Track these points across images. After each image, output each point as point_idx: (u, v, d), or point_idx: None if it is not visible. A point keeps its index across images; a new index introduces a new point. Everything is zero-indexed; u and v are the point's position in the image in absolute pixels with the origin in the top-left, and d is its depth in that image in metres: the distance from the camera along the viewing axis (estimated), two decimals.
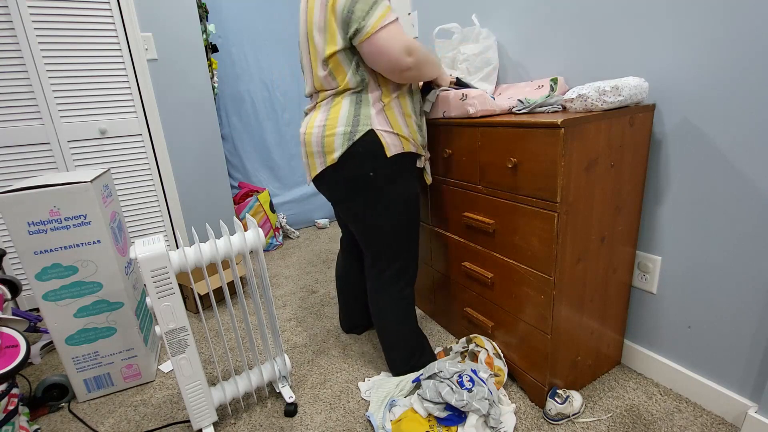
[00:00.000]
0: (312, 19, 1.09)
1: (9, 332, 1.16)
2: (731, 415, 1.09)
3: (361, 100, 1.10)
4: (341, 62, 1.08)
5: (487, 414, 1.07)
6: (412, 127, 1.17)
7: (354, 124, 1.09)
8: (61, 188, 1.19)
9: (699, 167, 1.05)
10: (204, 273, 1.07)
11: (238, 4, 2.51)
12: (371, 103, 1.10)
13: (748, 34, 0.91)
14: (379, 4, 1.00)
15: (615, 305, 1.24)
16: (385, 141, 1.10)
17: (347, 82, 1.09)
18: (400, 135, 1.13)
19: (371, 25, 0.99)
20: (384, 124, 1.11)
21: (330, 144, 1.10)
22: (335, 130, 1.09)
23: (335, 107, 1.11)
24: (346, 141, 1.09)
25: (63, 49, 1.80)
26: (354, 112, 1.09)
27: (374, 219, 1.18)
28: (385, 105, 1.11)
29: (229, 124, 2.66)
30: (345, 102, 1.10)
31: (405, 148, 1.15)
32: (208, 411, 1.15)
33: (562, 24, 1.31)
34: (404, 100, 1.15)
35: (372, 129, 1.09)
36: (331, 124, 1.10)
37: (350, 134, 1.09)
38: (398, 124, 1.13)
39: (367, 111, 1.10)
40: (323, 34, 1.07)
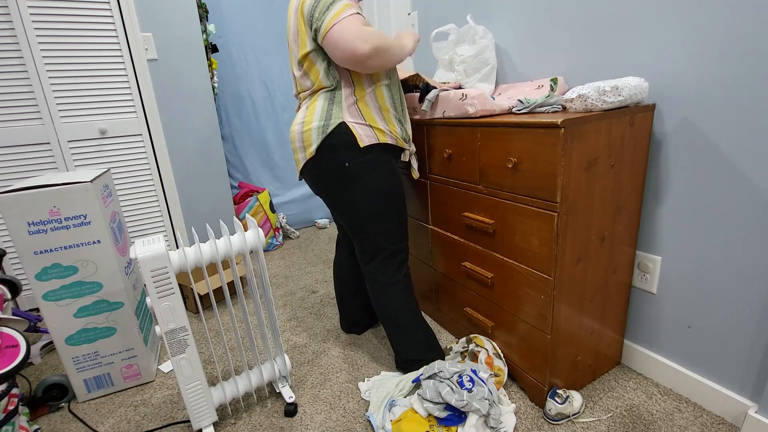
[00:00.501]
0: (289, 25, 1.18)
1: (9, 332, 1.16)
2: (731, 415, 1.09)
3: (334, 97, 1.16)
4: (314, 62, 1.15)
5: (487, 414, 1.07)
6: (390, 120, 1.21)
7: (326, 118, 1.15)
8: (61, 188, 1.19)
9: (699, 167, 1.05)
10: (204, 273, 1.07)
11: (238, 4, 2.51)
12: (343, 99, 1.16)
13: (749, 34, 0.91)
14: (336, 3, 1.05)
15: (615, 305, 1.24)
16: (356, 132, 1.15)
17: (320, 81, 1.16)
18: (373, 127, 1.17)
19: (327, 22, 1.04)
20: (356, 117, 1.16)
21: (308, 138, 1.17)
22: (311, 125, 1.16)
23: (312, 105, 1.18)
24: (320, 134, 1.15)
25: (63, 49, 1.80)
26: (327, 107, 1.16)
27: (354, 208, 1.22)
28: (357, 100, 1.17)
29: (229, 124, 2.66)
30: (320, 99, 1.17)
31: (380, 140, 1.18)
32: (208, 411, 1.15)
33: (562, 24, 1.31)
34: (381, 95, 1.19)
35: (343, 121, 1.15)
36: (308, 120, 1.17)
37: (323, 127, 1.15)
38: (372, 117, 1.18)
39: (339, 106, 1.16)
40: (296, 37, 1.15)
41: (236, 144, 2.70)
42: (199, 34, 2.08)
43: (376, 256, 1.28)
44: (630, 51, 1.14)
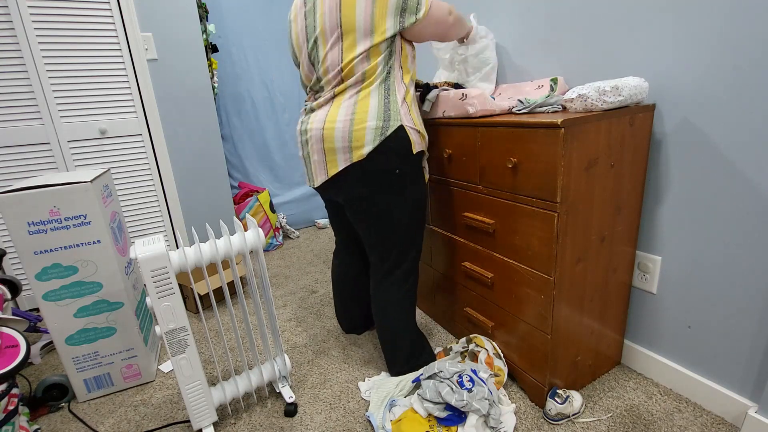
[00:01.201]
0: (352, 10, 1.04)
1: (9, 332, 1.16)
2: (731, 415, 1.09)
3: (389, 95, 1.08)
4: (377, 55, 1.07)
5: (487, 414, 1.07)
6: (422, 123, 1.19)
7: (386, 118, 1.06)
8: (61, 188, 1.19)
9: (699, 167, 1.05)
10: (204, 273, 1.07)
11: (238, 4, 2.51)
12: (399, 99, 1.09)
13: (749, 34, 0.91)
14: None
15: (615, 305, 1.24)
16: (412, 137, 1.11)
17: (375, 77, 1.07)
18: (420, 132, 1.14)
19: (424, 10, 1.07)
20: (409, 121, 1.12)
21: (360, 138, 1.05)
22: (366, 124, 1.05)
23: (363, 101, 1.07)
24: (378, 135, 1.05)
25: (63, 49, 1.80)
26: (384, 106, 1.07)
27: (393, 217, 1.16)
28: (407, 101, 1.12)
29: (229, 124, 2.66)
30: (374, 96, 1.07)
31: (423, 146, 1.17)
32: (208, 411, 1.15)
33: (562, 24, 1.31)
34: (415, 98, 1.18)
35: (402, 125, 1.08)
36: (361, 117, 1.05)
37: (383, 129, 1.05)
38: (417, 121, 1.15)
39: (396, 106, 1.08)
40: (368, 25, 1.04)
41: (236, 144, 2.70)
42: (199, 34, 2.08)
43: (395, 268, 1.24)
44: (630, 51, 1.14)
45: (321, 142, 1.11)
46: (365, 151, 1.06)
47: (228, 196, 2.38)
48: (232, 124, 2.66)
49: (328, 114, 1.10)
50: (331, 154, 1.10)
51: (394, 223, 1.18)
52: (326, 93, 1.13)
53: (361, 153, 1.06)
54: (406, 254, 1.23)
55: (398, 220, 1.17)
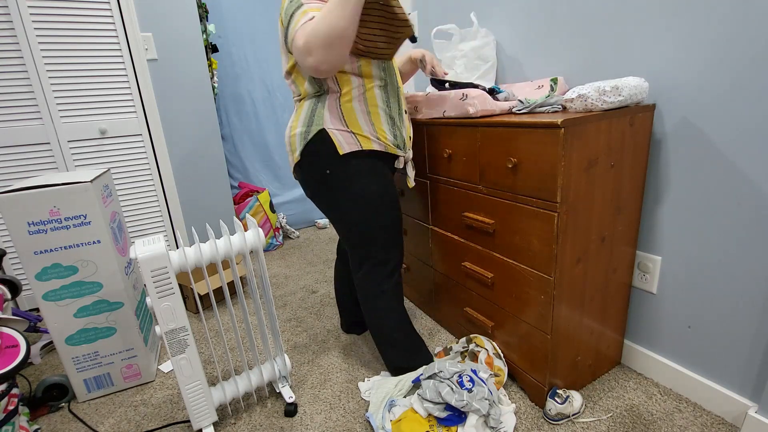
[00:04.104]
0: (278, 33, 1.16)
1: (9, 332, 1.16)
2: (731, 415, 1.09)
3: (318, 101, 1.14)
4: (300, 72, 1.14)
5: (487, 414, 1.07)
6: (379, 125, 1.15)
7: (308, 124, 1.14)
8: (61, 188, 1.19)
9: (699, 167, 1.05)
10: (204, 273, 1.07)
11: (238, 4, 2.51)
12: (327, 104, 1.13)
13: (749, 33, 0.91)
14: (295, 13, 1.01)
15: (615, 305, 1.24)
16: (336, 139, 1.12)
17: (305, 89, 1.14)
18: (356, 133, 1.13)
19: (290, 36, 1.02)
20: (337, 123, 1.12)
21: (293, 143, 1.17)
22: (295, 131, 1.16)
23: (299, 110, 1.18)
24: (302, 140, 1.14)
25: (63, 49, 1.80)
26: (310, 113, 1.14)
27: (340, 216, 1.21)
28: (342, 104, 1.12)
29: (229, 124, 2.66)
30: (306, 104, 1.16)
31: (363, 147, 1.14)
32: (208, 411, 1.15)
33: (562, 24, 1.31)
34: (372, 97, 1.13)
35: (323, 128, 1.12)
36: (294, 125, 1.17)
37: (305, 134, 1.14)
38: (357, 122, 1.13)
39: (321, 111, 1.13)
40: (282, 47, 1.14)
41: (236, 144, 2.70)
42: (199, 34, 2.08)
43: (363, 264, 1.25)
44: (630, 51, 1.14)
45: None
46: (297, 155, 1.17)
47: (228, 196, 2.38)
48: (232, 124, 2.66)
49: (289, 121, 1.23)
50: (288, 155, 1.24)
51: (344, 222, 1.21)
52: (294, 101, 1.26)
53: (295, 156, 1.18)
54: (371, 251, 1.23)
55: (346, 216, 1.20)
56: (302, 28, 0.98)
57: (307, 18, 0.99)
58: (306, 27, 0.97)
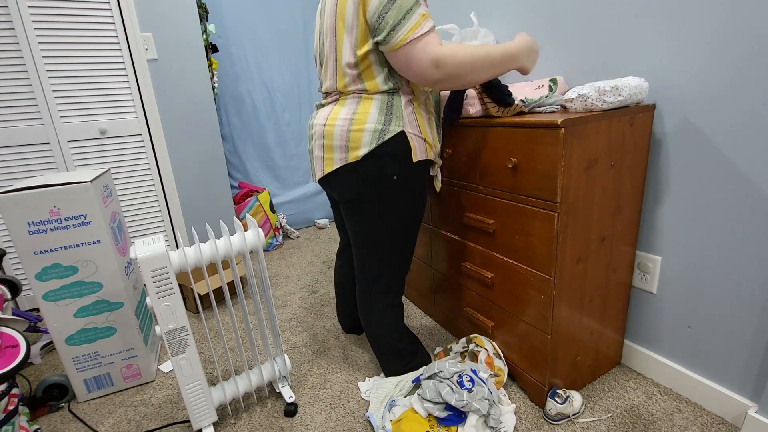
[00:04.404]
0: (342, 15, 1.01)
1: (9, 332, 1.16)
2: (731, 415, 1.09)
3: (392, 99, 1.05)
4: (373, 63, 1.02)
5: (487, 414, 1.07)
6: (435, 133, 1.14)
7: (386, 122, 1.03)
8: (61, 188, 1.19)
9: (699, 167, 1.05)
10: (204, 273, 1.07)
11: (238, 4, 2.51)
12: (403, 104, 1.05)
13: (749, 33, 0.91)
14: (413, 13, 0.92)
15: (615, 305, 1.24)
16: (413, 144, 1.07)
17: (377, 84, 1.03)
18: (426, 140, 1.10)
19: (401, 37, 0.93)
20: (414, 128, 1.07)
21: (357, 139, 1.03)
22: (364, 126, 1.03)
23: (365, 103, 1.05)
24: (375, 139, 1.03)
25: (63, 49, 1.80)
26: (386, 110, 1.04)
27: (382, 224, 1.13)
28: (415, 107, 1.07)
29: (229, 124, 2.66)
30: (376, 99, 1.04)
31: (428, 155, 1.11)
32: (208, 411, 1.15)
33: (562, 24, 1.31)
34: (430, 105, 1.14)
35: (403, 130, 1.05)
36: (360, 119, 1.03)
37: (381, 132, 1.03)
38: (425, 128, 1.10)
39: (399, 111, 1.04)
40: (353, 32, 1.00)
41: (236, 144, 2.70)
42: (199, 34, 2.08)
43: (379, 277, 1.21)
44: (630, 51, 1.14)
45: (322, 138, 1.10)
46: (361, 153, 1.04)
47: (228, 196, 2.38)
48: (232, 124, 2.66)
49: (331, 111, 1.09)
50: (329, 151, 1.08)
51: (381, 231, 1.14)
52: (333, 92, 1.13)
53: (356, 154, 1.04)
54: (388, 266, 1.20)
55: (386, 228, 1.14)
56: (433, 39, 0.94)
57: (429, 26, 0.94)
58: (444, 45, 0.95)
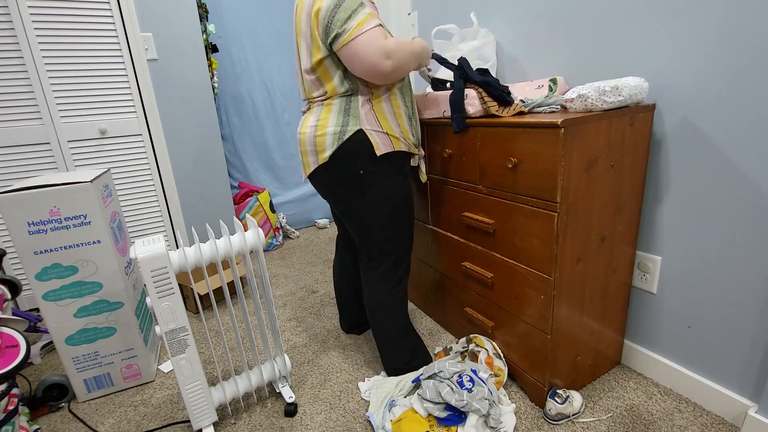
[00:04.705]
0: (299, 27, 1.12)
1: (9, 332, 1.16)
2: (731, 415, 1.09)
3: (350, 102, 1.12)
4: (328, 68, 1.10)
5: (487, 414, 1.07)
6: (404, 126, 1.18)
7: (343, 124, 1.11)
8: (61, 188, 1.19)
9: (699, 167, 1.05)
10: (204, 273, 1.07)
11: (238, 4, 2.51)
12: (360, 104, 1.12)
13: (748, 33, 0.91)
14: (359, 12, 1.00)
15: (615, 305, 1.24)
16: (374, 140, 1.12)
17: (334, 88, 1.11)
18: (390, 134, 1.14)
19: (349, 31, 1.00)
20: (373, 124, 1.13)
21: (321, 143, 1.13)
22: (326, 130, 1.12)
23: (326, 109, 1.14)
24: (336, 141, 1.11)
25: (63, 49, 1.80)
26: (343, 113, 1.12)
27: (366, 216, 1.19)
28: (374, 105, 1.13)
29: (229, 124, 2.66)
30: (335, 104, 1.13)
31: (395, 147, 1.16)
32: (208, 411, 1.15)
33: (563, 24, 1.31)
34: (395, 100, 1.16)
35: (361, 128, 1.11)
36: (322, 124, 1.13)
37: (339, 134, 1.11)
38: (388, 123, 1.14)
39: (356, 111, 1.12)
40: (308, 40, 1.10)
41: (236, 144, 2.70)
42: (199, 34, 2.08)
43: (381, 264, 1.26)
44: (630, 51, 1.14)
45: (300, 144, 1.20)
46: (326, 155, 1.13)
47: (228, 196, 2.38)
48: (232, 124, 2.66)
49: (304, 119, 1.19)
50: (305, 156, 1.19)
51: (368, 222, 1.20)
52: (306, 101, 1.22)
53: (323, 156, 1.13)
54: (389, 252, 1.25)
55: (372, 219, 1.19)
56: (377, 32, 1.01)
57: (375, 23, 1.01)
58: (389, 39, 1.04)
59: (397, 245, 1.25)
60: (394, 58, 1.03)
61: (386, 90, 1.15)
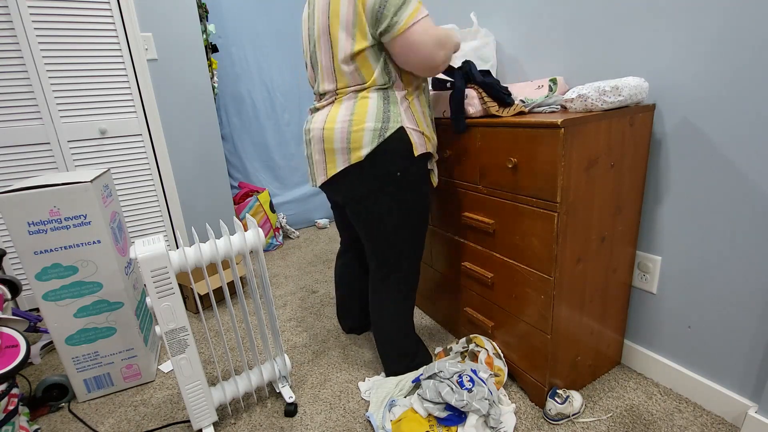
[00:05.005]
0: (337, 13, 1.03)
1: (9, 332, 1.16)
2: (731, 415, 1.09)
3: (388, 96, 1.06)
4: (369, 59, 1.04)
5: (487, 414, 1.07)
6: (431, 126, 1.16)
7: (384, 120, 1.05)
8: (61, 188, 1.19)
9: (699, 167, 1.05)
10: (204, 273, 1.07)
11: (238, 4, 2.51)
12: (399, 100, 1.07)
13: (748, 34, 0.91)
14: (411, 1, 0.98)
15: (615, 305, 1.24)
16: (413, 139, 1.08)
17: (374, 80, 1.05)
18: (424, 134, 1.11)
19: (404, 21, 0.97)
20: (412, 122, 1.08)
21: (358, 140, 1.05)
22: (364, 125, 1.04)
23: (361, 102, 1.06)
24: (376, 138, 1.04)
25: (63, 49, 1.80)
26: (383, 108, 1.05)
27: (391, 220, 1.14)
28: (410, 102, 1.09)
29: (229, 124, 2.66)
30: (372, 98, 1.06)
31: (427, 148, 1.13)
32: (208, 411, 1.15)
33: (562, 24, 1.31)
34: (422, 98, 1.14)
35: (402, 126, 1.06)
36: (359, 119, 1.05)
37: (381, 130, 1.04)
38: (422, 122, 1.11)
39: (396, 108, 1.06)
40: (351, 29, 1.02)
41: (236, 144, 2.70)
42: (199, 34, 2.08)
43: (392, 273, 1.22)
44: (630, 51, 1.14)
45: (321, 142, 1.10)
46: (363, 153, 1.05)
47: (228, 196, 2.38)
48: (232, 124, 2.66)
49: (328, 114, 1.10)
50: (331, 154, 1.09)
51: (392, 227, 1.15)
52: (328, 94, 1.13)
53: (359, 155, 1.05)
54: (404, 260, 1.21)
55: (396, 224, 1.15)
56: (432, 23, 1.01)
57: (425, 12, 1.01)
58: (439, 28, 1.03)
59: (412, 255, 1.22)
60: (445, 48, 1.03)
61: (416, 87, 1.12)
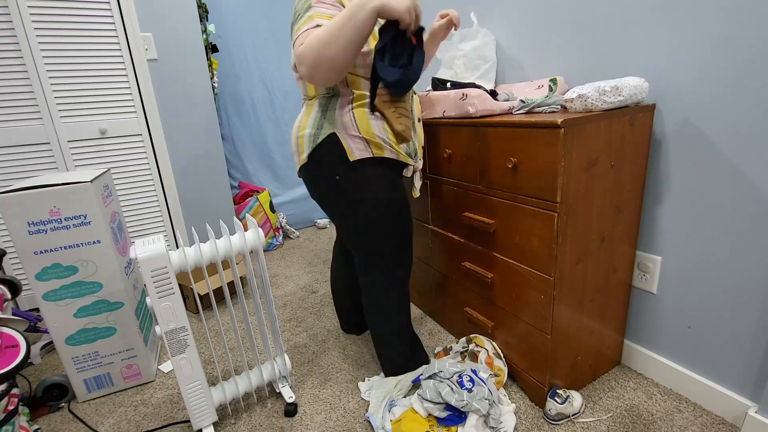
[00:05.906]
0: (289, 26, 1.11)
1: (9, 332, 1.16)
2: (731, 415, 1.09)
3: (329, 103, 1.09)
4: None
5: (487, 414, 1.07)
6: (392, 132, 1.09)
7: (318, 126, 1.09)
8: (61, 188, 1.19)
9: (699, 167, 1.05)
10: (204, 273, 1.07)
11: (238, 4, 2.51)
12: (338, 107, 1.08)
13: (748, 34, 0.91)
14: (303, 16, 0.98)
15: (615, 305, 1.24)
16: (347, 144, 1.07)
17: (315, 89, 1.11)
18: (368, 140, 1.07)
19: (295, 36, 0.98)
20: (349, 128, 1.07)
21: (301, 144, 1.13)
22: (304, 132, 1.12)
23: (308, 110, 1.14)
24: (311, 143, 1.10)
25: (63, 49, 1.80)
26: (320, 115, 1.10)
27: (348, 222, 1.17)
28: (354, 107, 1.07)
29: (229, 124, 2.66)
30: (315, 105, 1.12)
31: (374, 154, 1.08)
32: (208, 411, 1.15)
33: (562, 24, 1.31)
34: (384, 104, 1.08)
35: (333, 132, 1.07)
36: (303, 125, 1.13)
37: (314, 137, 1.10)
38: (369, 128, 1.07)
39: (332, 114, 1.08)
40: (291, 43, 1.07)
41: (236, 144, 2.70)
42: (199, 34, 2.08)
43: (370, 270, 1.22)
44: (630, 51, 1.14)
45: None
46: (304, 156, 1.13)
47: (228, 196, 2.38)
48: (232, 124, 2.66)
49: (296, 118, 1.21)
50: (294, 155, 1.20)
51: (352, 227, 1.17)
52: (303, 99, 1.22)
53: (302, 158, 1.14)
54: (383, 251, 1.18)
55: (353, 223, 1.16)
56: (305, 35, 0.94)
57: (312, 24, 0.95)
58: (307, 35, 0.93)
59: (387, 251, 1.19)
60: (306, 60, 0.91)
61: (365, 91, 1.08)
